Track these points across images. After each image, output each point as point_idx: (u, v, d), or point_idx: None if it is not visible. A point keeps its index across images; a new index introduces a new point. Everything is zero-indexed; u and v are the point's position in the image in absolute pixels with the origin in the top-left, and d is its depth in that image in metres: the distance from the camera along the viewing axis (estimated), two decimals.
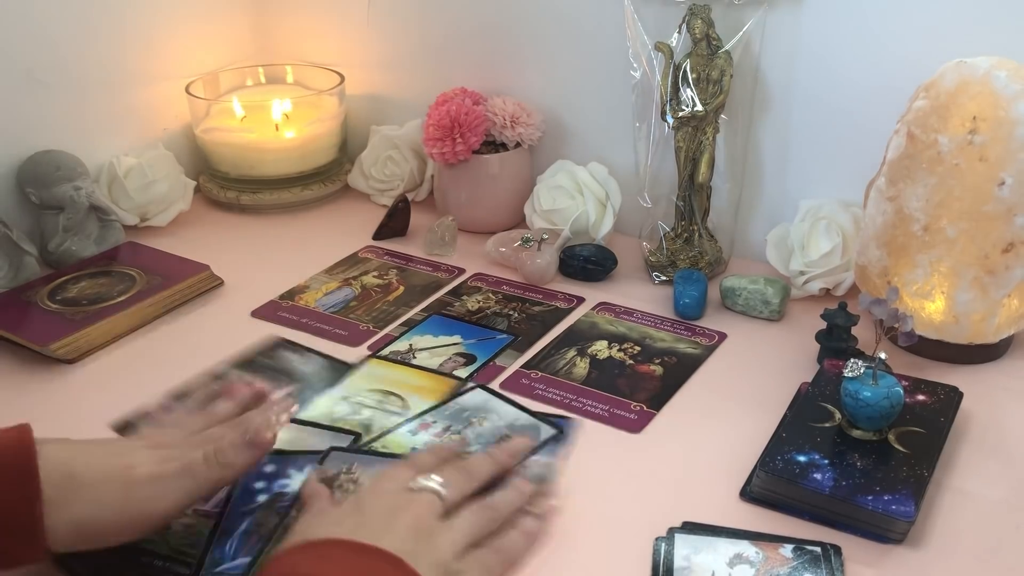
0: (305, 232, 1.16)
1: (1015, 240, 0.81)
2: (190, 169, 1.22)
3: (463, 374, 0.86)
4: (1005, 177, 0.79)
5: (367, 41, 1.25)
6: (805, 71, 0.98)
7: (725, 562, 0.64)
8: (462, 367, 0.87)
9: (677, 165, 1.01)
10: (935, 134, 0.82)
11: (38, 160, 1.05)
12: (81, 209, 1.05)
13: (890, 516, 0.66)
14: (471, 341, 0.92)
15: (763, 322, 0.95)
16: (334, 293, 1.01)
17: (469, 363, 0.88)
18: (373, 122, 1.24)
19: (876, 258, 0.88)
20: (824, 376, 0.81)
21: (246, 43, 1.31)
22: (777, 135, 1.02)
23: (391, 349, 0.90)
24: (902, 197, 0.84)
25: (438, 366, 0.87)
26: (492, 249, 1.06)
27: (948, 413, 0.76)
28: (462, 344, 0.91)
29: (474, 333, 0.93)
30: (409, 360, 0.88)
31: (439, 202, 1.16)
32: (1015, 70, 0.80)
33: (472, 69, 1.17)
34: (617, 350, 0.90)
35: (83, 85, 1.12)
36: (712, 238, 1.04)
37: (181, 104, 1.22)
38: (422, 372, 0.86)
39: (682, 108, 0.98)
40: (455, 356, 0.89)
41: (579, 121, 1.14)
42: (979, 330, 0.85)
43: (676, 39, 0.98)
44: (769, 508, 0.70)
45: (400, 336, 0.93)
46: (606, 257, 1.03)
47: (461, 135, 1.08)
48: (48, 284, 0.98)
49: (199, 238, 1.13)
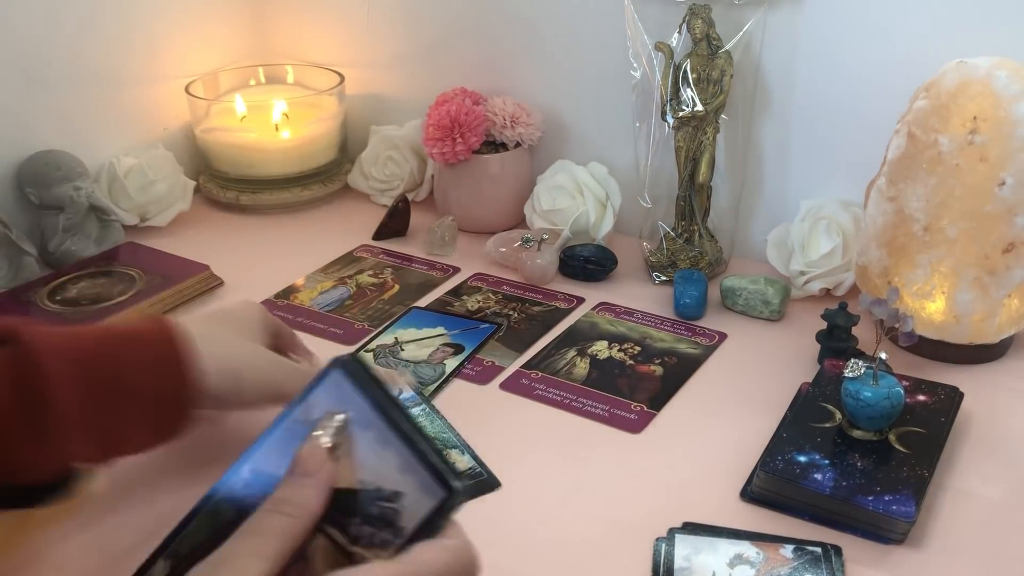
0: (305, 232, 1.16)
1: (1016, 240, 0.81)
2: (190, 169, 1.22)
3: (453, 364, 0.87)
4: (1005, 177, 0.79)
5: (367, 41, 1.25)
6: (805, 71, 0.98)
7: (725, 562, 0.64)
8: (451, 356, 0.88)
9: (677, 165, 1.01)
10: (935, 134, 0.82)
11: (38, 160, 1.05)
12: (81, 209, 1.05)
13: (891, 516, 0.66)
14: (455, 331, 0.92)
15: (763, 322, 0.95)
16: (329, 292, 1.01)
17: (457, 352, 0.89)
18: (373, 122, 1.24)
19: (876, 258, 0.88)
20: (824, 376, 0.81)
21: (246, 43, 1.31)
22: (777, 135, 1.02)
23: (377, 343, 0.91)
24: (902, 197, 0.84)
25: (427, 357, 0.88)
26: (492, 249, 1.06)
27: (949, 413, 0.76)
28: (448, 335, 0.92)
29: (456, 324, 0.94)
30: (397, 353, 0.89)
31: (439, 202, 1.16)
32: (1015, 70, 0.80)
33: (472, 69, 1.17)
34: (617, 350, 0.90)
35: (83, 85, 1.12)
36: (712, 238, 1.04)
37: (181, 104, 1.22)
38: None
39: (682, 108, 0.98)
40: (443, 347, 0.90)
41: (579, 121, 1.13)
42: (980, 330, 0.85)
43: (676, 39, 0.98)
44: (769, 508, 0.70)
45: (383, 330, 0.93)
46: (606, 257, 1.03)
47: (461, 135, 1.08)
48: (48, 284, 0.98)
49: (199, 238, 1.13)
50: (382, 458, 0.47)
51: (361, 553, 0.46)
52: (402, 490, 0.46)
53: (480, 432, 0.75)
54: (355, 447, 0.48)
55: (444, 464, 0.46)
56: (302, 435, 0.49)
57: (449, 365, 0.87)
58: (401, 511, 0.46)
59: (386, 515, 0.46)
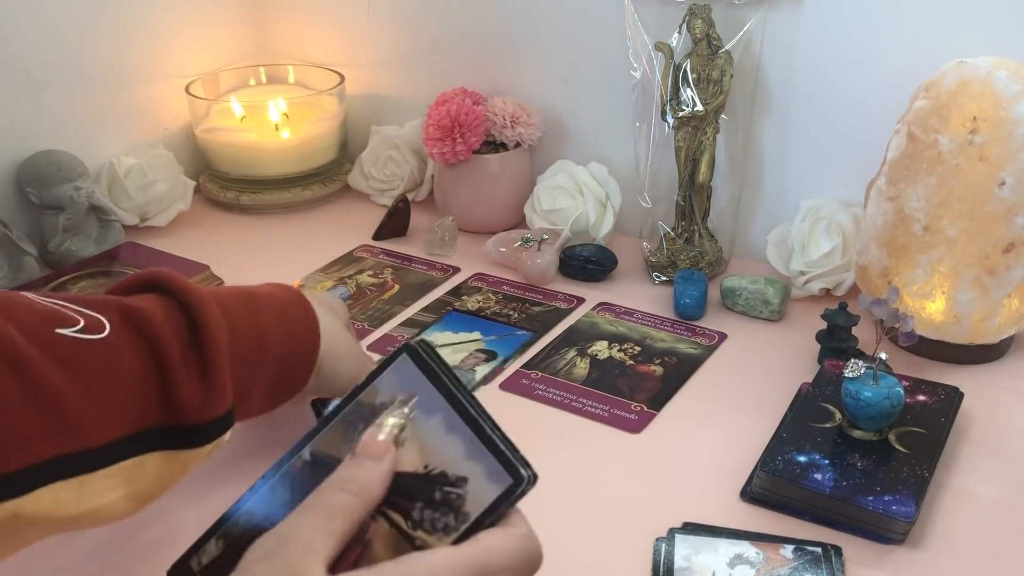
0: (305, 232, 1.16)
1: (1015, 240, 0.81)
2: (190, 169, 1.22)
3: (484, 370, 0.87)
4: (1005, 177, 0.79)
5: (367, 41, 1.25)
6: (805, 71, 0.98)
7: (725, 562, 0.64)
8: (483, 363, 0.88)
9: (677, 165, 1.01)
10: (935, 134, 0.82)
11: (38, 160, 1.05)
12: (81, 209, 1.05)
13: (891, 516, 0.66)
14: (491, 337, 0.92)
15: (763, 322, 0.95)
16: (329, 292, 1.01)
17: (490, 359, 0.89)
18: (373, 122, 1.24)
19: (876, 258, 0.88)
20: (824, 376, 0.81)
21: (246, 43, 1.31)
22: (777, 135, 1.02)
23: None
24: (902, 197, 0.84)
25: (460, 362, 0.88)
26: (492, 249, 1.06)
27: (949, 413, 0.76)
28: (482, 340, 0.91)
29: (493, 330, 0.93)
30: None
31: (439, 202, 1.16)
32: (1015, 70, 0.80)
33: (472, 69, 1.17)
34: (617, 350, 0.90)
35: (83, 85, 1.12)
36: (712, 238, 1.04)
37: (181, 104, 1.22)
38: None
39: (682, 108, 0.98)
40: (476, 352, 0.89)
41: (579, 121, 1.13)
42: (980, 330, 0.85)
43: (676, 39, 0.98)
44: (769, 508, 0.70)
45: (419, 333, 0.93)
46: (606, 257, 1.03)
47: (461, 135, 1.08)
48: (48, 284, 0.98)
49: (199, 238, 1.13)
50: (448, 443, 0.47)
51: (423, 538, 0.46)
52: (468, 476, 0.46)
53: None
54: (421, 431, 0.47)
55: (513, 451, 0.46)
56: (367, 417, 0.49)
57: (480, 372, 0.87)
58: (466, 497, 0.45)
59: (450, 500, 0.46)
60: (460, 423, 0.47)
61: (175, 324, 0.58)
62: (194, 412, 0.57)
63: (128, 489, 0.55)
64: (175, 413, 0.57)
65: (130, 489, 0.55)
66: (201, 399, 0.57)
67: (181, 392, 0.56)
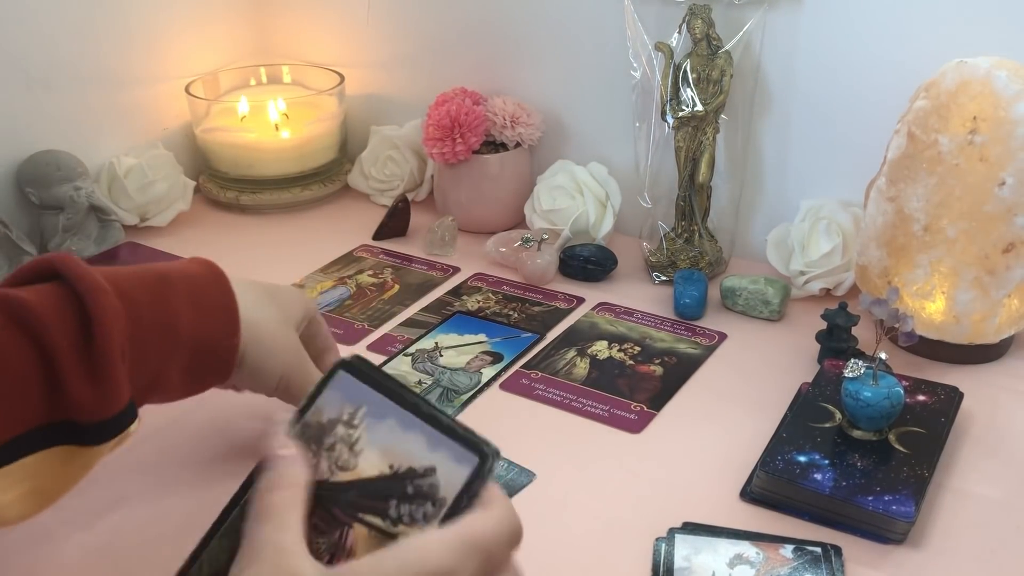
0: (305, 232, 1.16)
1: (1015, 240, 0.81)
2: (190, 169, 1.22)
3: (490, 373, 0.86)
4: (1005, 177, 0.79)
5: (367, 41, 1.25)
6: (805, 71, 0.98)
7: (725, 562, 0.64)
8: (489, 365, 0.88)
9: (677, 165, 1.01)
10: (935, 134, 0.82)
11: (38, 160, 1.05)
12: (81, 209, 1.05)
13: (890, 516, 0.66)
14: (496, 339, 0.92)
15: (763, 322, 0.95)
16: (329, 292, 1.01)
17: (496, 361, 0.88)
18: (373, 122, 1.24)
19: (876, 258, 0.88)
20: (824, 376, 0.81)
21: (246, 43, 1.31)
22: (777, 135, 1.02)
23: (417, 347, 0.90)
24: (902, 197, 0.84)
25: (465, 364, 0.88)
26: (492, 249, 1.06)
27: (948, 413, 0.76)
28: (488, 343, 0.91)
29: (499, 332, 0.93)
30: (436, 359, 0.88)
31: (439, 202, 1.16)
32: (1015, 70, 0.80)
33: (472, 69, 1.17)
34: (617, 350, 0.90)
35: (83, 85, 1.12)
36: (712, 238, 1.04)
37: (181, 104, 1.22)
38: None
39: (682, 108, 0.98)
40: (482, 355, 0.89)
41: (579, 121, 1.13)
42: (979, 330, 0.85)
43: (676, 39, 0.98)
44: (769, 508, 0.70)
45: (426, 334, 0.93)
46: (606, 257, 1.03)
47: (461, 135, 1.08)
48: None
49: (199, 238, 1.13)
50: (408, 440, 0.48)
51: (405, 531, 0.46)
52: (435, 464, 0.47)
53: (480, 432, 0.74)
54: (376, 436, 0.48)
55: (471, 433, 0.47)
56: (317, 436, 0.49)
57: (486, 374, 0.86)
58: (438, 484, 0.47)
59: (423, 491, 0.47)
60: (415, 420, 0.48)
61: (66, 318, 0.55)
62: (86, 412, 0.55)
63: (29, 486, 0.54)
64: (68, 412, 0.55)
65: (32, 485, 0.54)
66: (92, 399, 0.55)
67: (71, 392, 0.54)
